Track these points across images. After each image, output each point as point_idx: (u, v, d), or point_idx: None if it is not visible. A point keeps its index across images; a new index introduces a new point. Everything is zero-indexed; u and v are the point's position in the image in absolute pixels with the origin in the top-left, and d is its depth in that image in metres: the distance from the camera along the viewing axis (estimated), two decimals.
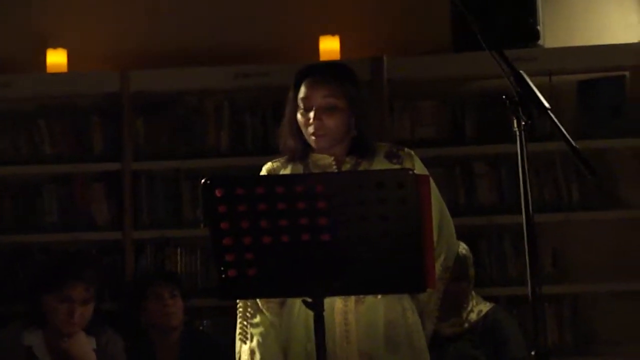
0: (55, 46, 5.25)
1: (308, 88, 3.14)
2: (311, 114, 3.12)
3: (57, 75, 5.21)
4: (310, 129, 3.12)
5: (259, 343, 3.17)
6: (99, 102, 5.22)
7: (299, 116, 3.16)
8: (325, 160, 3.19)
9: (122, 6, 5.39)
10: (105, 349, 4.26)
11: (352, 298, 3.09)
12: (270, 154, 3.41)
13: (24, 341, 4.18)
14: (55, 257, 4.56)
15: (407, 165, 3.16)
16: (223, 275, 2.64)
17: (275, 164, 3.25)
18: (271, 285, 2.69)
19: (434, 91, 5.19)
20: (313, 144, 3.16)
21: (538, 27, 5.08)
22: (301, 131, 3.17)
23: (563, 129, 2.43)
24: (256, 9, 5.37)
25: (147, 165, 5.15)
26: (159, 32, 5.36)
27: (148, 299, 4.65)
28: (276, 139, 3.32)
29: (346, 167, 3.17)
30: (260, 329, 3.17)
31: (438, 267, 3.18)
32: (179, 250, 5.14)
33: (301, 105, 3.15)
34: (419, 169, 3.17)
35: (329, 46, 5.17)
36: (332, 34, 5.20)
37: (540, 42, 5.10)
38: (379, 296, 3.11)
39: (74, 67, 5.24)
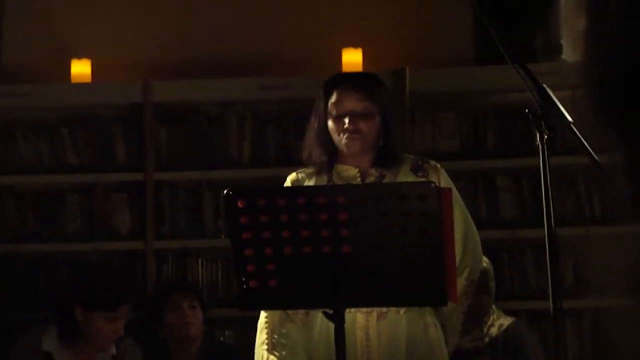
0: (79, 56, 5.28)
1: (342, 93, 3.16)
2: (346, 119, 3.12)
3: (80, 85, 5.24)
4: (345, 134, 3.12)
5: (288, 353, 3.16)
6: (122, 112, 5.24)
7: (330, 123, 3.16)
8: (350, 172, 3.19)
9: (146, 17, 5.41)
10: (123, 357, 4.26)
11: (374, 313, 3.08)
12: (292, 166, 3.42)
13: (43, 347, 4.19)
14: (103, 275, 4.48)
15: (433, 178, 3.16)
16: (244, 286, 2.64)
17: (299, 175, 3.26)
18: (292, 296, 2.69)
19: (456, 104, 5.19)
20: (346, 149, 3.15)
21: (561, 41, 5.07)
22: (328, 140, 3.17)
23: (586, 143, 2.43)
24: (279, 21, 5.39)
25: (169, 175, 5.17)
26: (182, 43, 5.38)
27: (167, 310, 4.65)
28: (299, 151, 3.32)
29: (370, 179, 3.17)
30: (288, 340, 3.16)
31: (462, 281, 3.16)
32: (200, 260, 5.14)
33: (334, 111, 3.15)
34: (445, 182, 3.17)
35: (352, 58, 5.18)
36: (355, 46, 5.21)
37: (563, 56, 5.09)
38: (402, 311, 3.10)
39: (97, 77, 5.27)
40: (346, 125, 3.13)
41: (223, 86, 5.17)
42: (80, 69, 5.26)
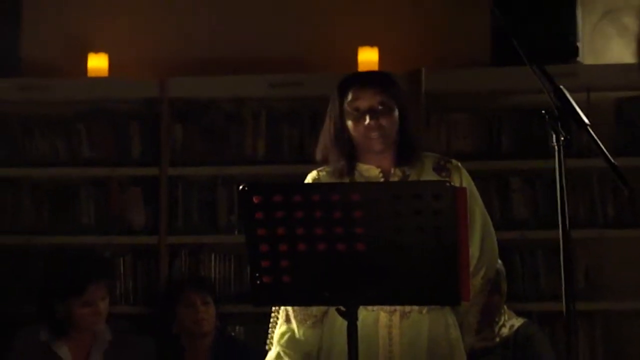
0: (96, 51, 5.30)
1: (359, 91, 3.14)
2: (367, 117, 3.11)
3: (97, 80, 5.26)
4: (368, 132, 3.11)
5: (279, 352, 3.19)
6: (138, 107, 5.26)
7: (350, 122, 3.14)
8: (372, 172, 3.18)
9: (164, 13, 5.43)
10: (123, 345, 4.30)
11: (397, 312, 3.09)
12: (306, 163, 3.42)
13: (41, 337, 4.23)
14: (66, 263, 4.54)
15: (455, 177, 3.16)
16: (257, 282, 2.65)
17: (320, 174, 3.23)
18: (305, 293, 2.69)
19: (472, 105, 5.20)
20: (368, 147, 3.14)
21: (577, 44, 5.07)
22: (346, 142, 3.16)
23: (601, 145, 2.43)
24: (296, 19, 5.40)
25: (184, 171, 5.19)
26: (199, 40, 5.40)
27: (180, 305, 4.67)
28: (314, 149, 3.32)
29: (394, 179, 3.16)
30: (283, 339, 3.19)
31: (479, 279, 3.17)
32: (213, 256, 5.17)
33: (353, 110, 3.14)
34: (466, 181, 3.17)
35: (368, 57, 5.18)
36: (371, 45, 5.22)
37: (579, 58, 5.09)
38: (424, 311, 3.10)
39: (114, 73, 5.28)
40: (367, 122, 3.12)
41: (239, 83, 5.18)
42: (97, 63, 5.28)
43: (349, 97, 3.15)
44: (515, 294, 4.85)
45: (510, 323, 4.37)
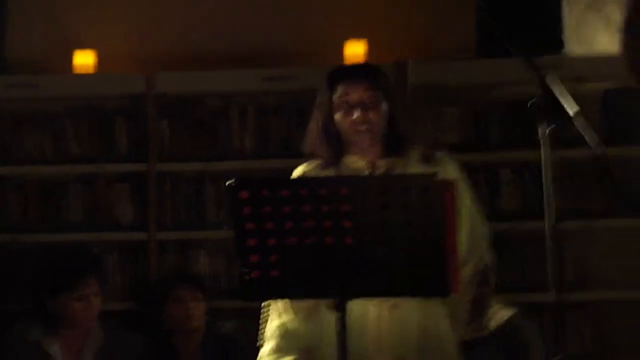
0: (83, 47, 5.29)
1: (348, 86, 3.15)
2: (355, 111, 3.12)
3: (83, 77, 5.25)
4: (356, 126, 3.12)
5: (274, 346, 3.19)
6: (125, 103, 5.25)
7: (338, 116, 3.15)
8: (359, 164, 3.19)
9: (149, 9, 5.42)
10: (113, 346, 4.30)
11: (387, 305, 3.09)
12: (294, 157, 3.42)
13: (32, 337, 4.23)
14: (59, 259, 4.54)
15: (442, 168, 3.16)
16: (246, 277, 2.65)
17: (308, 167, 3.25)
18: (294, 286, 2.70)
19: (458, 97, 5.20)
20: (357, 141, 3.14)
21: (563, 35, 5.08)
22: (334, 134, 3.17)
23: (589, 135, 2.44)
24: (282, 13, 5.40)
25: (172, 166, 5.18)
26: (185, 35, 5.39)
27: (170, 302, 4.67)
28: (302, 143, 3.32)
29: (379, 171, 3.17)
30: (278, 332, 3.19)
31: (468, 271, 3.18)
32: (201, 251, 5.16)
33: (341, 104, 3.15)
34: (454, 172, 3.18)
35: (355, 50, 5.19)
36: (358, 37, 5.22)
37: (565, 50, 5.10)
38: (414, 303, 3.10)
39: (100, 69, 5.28)
40: (355, 117, 3.13)
41: (225, 78, 5.18)
42: (84, 60, 5.27)
43: (339, 90, 3.16)
44: (504, 284, 4.84)
45: (500, 314, 4.37)
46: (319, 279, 2.63)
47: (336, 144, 3.18)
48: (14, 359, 4.21)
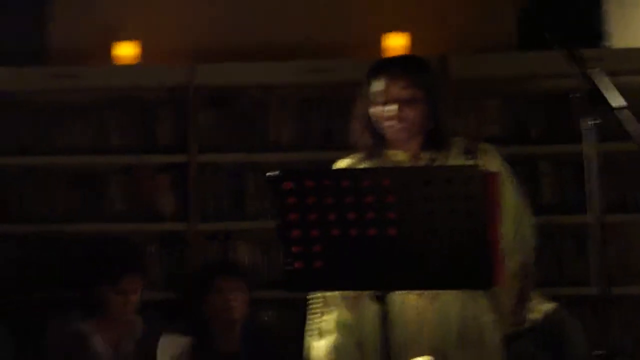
0: (125, 38, 5.32)
1: (386, 81, 3.14)
2: (392, 107, 3.12)
3: (125, 68, 5.28)
4: (391, 122, 3.12)
5: (337, 339, 3.18)
6: (166, 94, 5.28)
7: (374, 110, 3.16)
8: (400, 157, 3.19)
9: (191, 0, 5.44)
10: (154, 334, 4.34)
11: (427, 296, 3.09)
12: (334, 149, 3.43)
13: (75, 327, 4.27)
14: (106, 250, 4.60)
15: (484, 160, 3.16)
16: (289, 267, 2.66)
17: (351, 160, 3.26)
18: (337, 278, 2.70)
19: (500, 89, 5.19)
20: (392, 136, 3.15)
21: (605, 28, 5.05)
22: (375, 127, 3.17)
23: (632, 128, 2.43)
24: (324, 5, 5.40)
25: (212, 157, 5.20)
26: (226, 27, 5.41)
27: (211, 292, 4.68)
28: (341, 134, 3.33)
29: (421, 163, 3.17)
30: (338, 325, 3.19)
31: (513, 264, 3.16)
32: (241, 242, 5.18)
33: (378, 99, 3.15)
34: (497, 164, 3.17)
35: (396, 43, 5.18)
36: (399, 30, 5.21)
37: (606, 42, 5.07)
38: (454, 294, 3.10)
39: (142, 60, 5.31)
40: (392, 113, 3.13)
41: (266, 70, 5.19)
42: (125, 51, 5.30)
43: (377, 85, 3.16)
44: (544, 278, 4.84)
45: (540, 307, 4.36)
46: (362, 270, 2.63)
47: (378, 137, 3.19)
48: (56, 348, 4.26)
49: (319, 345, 3.21)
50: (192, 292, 4.82)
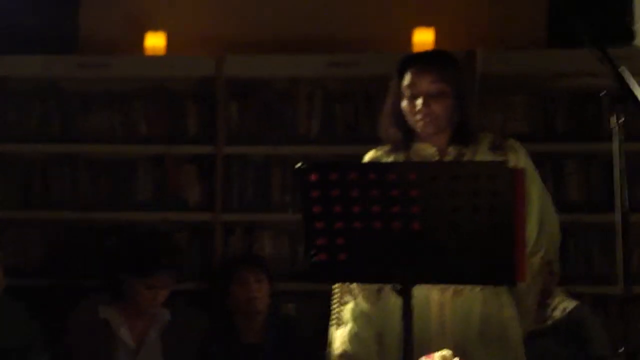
0: (154, 29, 5.35)
1: (415, 75, 3.17)
2: (419, 101, 3.14)
3: (154, 58, 5.30)
4: (419, 116, 3.14)
5: (352, 328, 3.21)
6: (194, 85, 5.29)
7: (404, 104, 3.18)
8: (428, 151, 3.20)
9: None
10: (179, 325, 4.35)
11: (450, 290, 3.11)
12: (360, 143, 3.45)
13: (100, 314, 4.30)
14: (143, 243, 4.51)
15: (511, 157, 3.17)
16: (313, 259, 2.67)
17: (378, 152, 3.28)
18: (361, 270, 2.72)
19: (527, 86, 5.17)
20: (420, 130, 3.17)
21: (634, 27, 5.03)
22: (403, 120, 3.20)
23: None
24: None
25: (239, 149, 5.22)
26: (255, 19, 5.42)
27: (234, 283, 4.69)
28: (368, 128, 3.35)
29: (449, 158, 3.19)
30: (354, 315, 3.21)
31: (538, 260, 3.17)
32: (266, 233, 5.20)
33: (407, 92, 3.17)
34: (524, 161, 3.18)
35: (423, 38, 5.18)
36: (427, 25, 5.21)
37: (635, 42, 5.04)
38: (477, 289, 3.11)
39: (171, 51, 5.33)
40: (419, 107, 3.14)
41: (294, 62, 5.20)
42: (155, 41, 5.32)
43: (406, 79, 3.18)
44: (569, 276, 4.83)
45: (563, 305, 4.36)
46: (386, 263, 2.64)
47: (406, 130, 3.20)
48: (82, 335, 4.28)
49: (337, 334, 3.24)
50: (216, 282, 4.84)
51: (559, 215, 3.34)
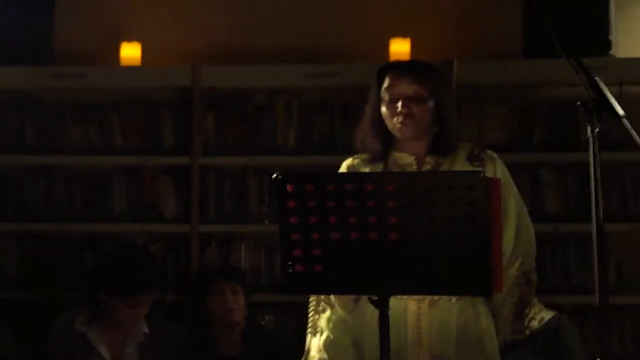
0: (130, 39, 5.33)
1: (394, 78, 3.18)
2: (399, 103, 3.14)
3: (130, 69, 5.28)
4: (398, 118, 3.15)
5: (328, 337, 3.20)
6: (171, 96, 5.28)
7: (383, 109, 3.18)
8: (406, 160, 3.21)
9: (197, 2, 5.45)
10: (156, 337, 4.32)
11: (426, 300, 3.10)
12: (337, 153, 3.44)
13: (76, 327, 4.26)
14: (125, 262, 4.35)
15: (489, 167, 3.18)
16: (290, 270, 2.66)
17: (355, 161, 3.28)
18: (337, 281, 2.70)
19: (503, 96, 5.19)
20: (399, 134, 3.17)
21: (610, 37, 5.05)
22: (383, 128, 3.19)
23: (637, 137, 2.43)
24: (328, 9, 5.40)
25: (216, 160, 5.21)
26: (232, 29, 5.42)
27: (210, 295, 4.68)
28: (345, 139, 3.35)
29: (427, 167, 3.19)
30: (330, 324, 3.20)
31: (514, 271, 3.18)
32: (243, 245, 5.19)
33: (386, 96, 3.17)
34: (501, 172, 3.19)
35: (400, 48, 5.18)
36: (404, 36, 5.22)
37: (611, 51, 5.06)
38: (453, 300, 3.11)
39: (147, 61, 5.31)
40: (399, 109, 3.15)
41: (271, 73, 5.19)
42: (131, 52, 5.30)
43: (385, 83, 3.20)
44: (545, 286, 4.84)
45: (540, 316, 4.36)
46: (363, 274, 2.63)
47: (385, 139, 3.20)
48: (59, 347, 4.25)
49: (313, 342, 3.23)
50: (193, 294, 4.82)
51: (534, 225, 3.34)
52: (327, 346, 3.20)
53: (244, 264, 5.15)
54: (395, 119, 3.16)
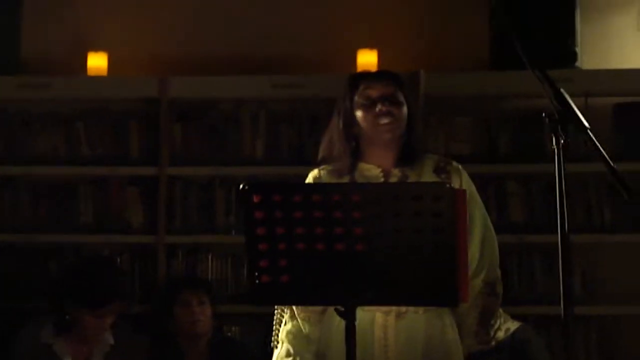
0: (96, 49, 5.31)
1: (370, 81, 3.18)
2: (378, 105, 3.12)
3: (96, 79, 5.26)
4: (382, 119, 3.12)
5: (288, 350, 3.20)
6: (137, 106, 5.26)
7: (360, 113, 3.15)
8: (373, 172, 3.19)
9: (164, 12, 5.44)
10: (122, 347, 4.30)
11: (393, 313, 3.10)
12: (305, 164, 3.43)
13: (42, 338, 4.23)
14: (91, 273, 4.29)
15: (455, 179, 3.18)
16: (256, 281, 2.65)
17: (321, 172, 3.25)
18: (304, 292, 2.70)
19: (470, 108, 5.21)
20: (384, 136, 3.14)
21: (576, 49, 5.09)
22: (353, 137, 3.17)
23: (602, 149, 2.44)
24: (296, 20, 5.41)
25: (183, 170, 5.20)
26: (199, 40, 5.41)
27: (177, 306, 4.67)
28: (312, 150, 3.33)
29: (394, 179, 3.18)
30: (290, 335, 3.20)
31: (479, 282, 3.19)
32: (210, 255, 5.18)
33: (363, 100, 3.15)
34: (466, 183, 3.19)
35: (367, 59, 5.20)
36: (371, 47, 5.23)
37: (577, 63, 5.10)
38: (420, 311, 3.11)
39: (113, 71, 5.29)
40: (379, 108, 3.13)
41: (238, 83, 5.19)
42: (97, 62, 5.28)
43: (361, 87, 3.17)
44: (512, 297, 4.86)
45: (505, 326, 4.36)
46: (329, 285, 2.63)
47: (353, 150, 3.19)
48: (24, 358, 4.21)
49: (277, 354, 3.23)
50: (159, 305, 4.81)
51: (499, 236, 3.35)
52: (287, 358, 3.20)
53: (211, 275, 5.14)
54: (378, 119, 3.14)
